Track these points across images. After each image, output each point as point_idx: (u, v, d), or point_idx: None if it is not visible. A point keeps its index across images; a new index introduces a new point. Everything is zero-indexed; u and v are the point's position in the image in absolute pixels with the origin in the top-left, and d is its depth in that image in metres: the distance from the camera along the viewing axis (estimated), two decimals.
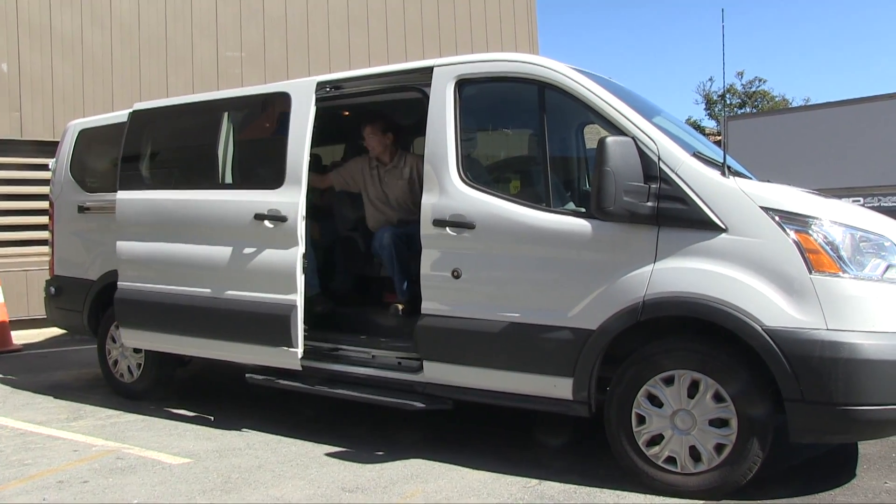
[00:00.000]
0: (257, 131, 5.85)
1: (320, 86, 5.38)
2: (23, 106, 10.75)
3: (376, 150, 5.87)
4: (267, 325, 5.28)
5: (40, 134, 10.81)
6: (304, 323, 5.27)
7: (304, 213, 5.22)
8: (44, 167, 9.41)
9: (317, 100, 5.35)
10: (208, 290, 5.64)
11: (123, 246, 6.18)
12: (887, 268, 3.86)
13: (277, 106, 5.57)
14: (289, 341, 5.19)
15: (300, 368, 5.28)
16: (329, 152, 8.00)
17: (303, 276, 5.21)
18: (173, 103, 6.46)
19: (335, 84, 5.43)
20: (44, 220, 8.62)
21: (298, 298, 5.19)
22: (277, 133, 5.49)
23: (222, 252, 5.55)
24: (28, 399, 6.75)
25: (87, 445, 5.29)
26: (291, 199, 5.22)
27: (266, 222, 5.28)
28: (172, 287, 5.85)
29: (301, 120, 5.31)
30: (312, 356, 5.35)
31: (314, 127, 5.29)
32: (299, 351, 5.21)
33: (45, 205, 8.02)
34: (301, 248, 5.19)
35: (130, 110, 6.57)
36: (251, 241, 5.41)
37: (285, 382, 5.41)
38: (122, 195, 6.24)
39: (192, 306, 5.69)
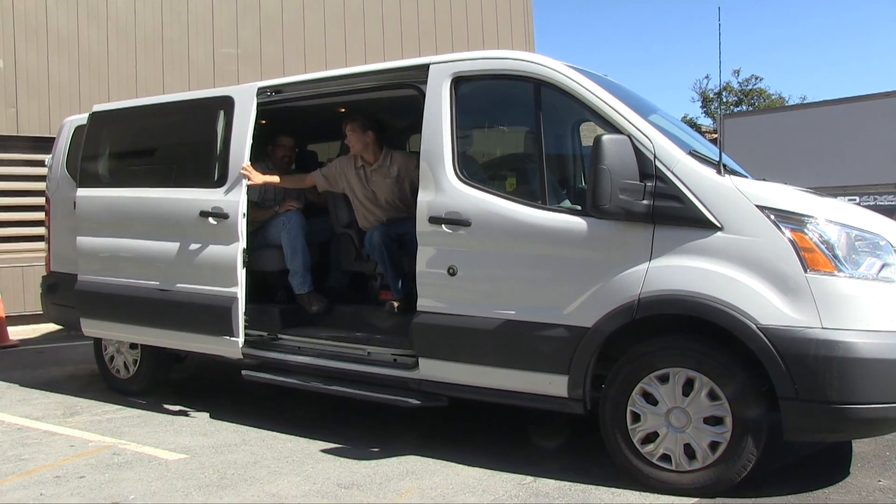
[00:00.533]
0: (204, 132, 5.99)
1: (261, 90, 5.67)
2: (19, 102, 10.74)
3: (356, 148, 5.83)
4: (210, 315, 5.59)
5: (36, 130, 10.80)
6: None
7: (244, 211, 5.58)
8: (40, 163, 9.38)
9: (259, 104, 5.65)
10: (158, 283, 5.96)
11: (83, 241, 6.53)
12: (882, 266, 3.87)
13: (223, 109, 5.79)
14: (230, 331, 5.50)
15: (241, 357, 5.57)
16: (325, 149, 8.01)
17: (244, 270, 5.52)
18: (128, 105, 6.83)
19: (276, 88, 5.70)
20: (40, 216, 8.60)
21: (239, 291, 5.51)
22: (222, 134, 5.75)
23: (171, 247, 5.89)
24: (25, 395, 6.75)
25: (84, 441, 5.29)
26: (233, 197, 5.56)
27: (210, 219, 5.62)
28: (126, 280, 6.19)
29: (243, 122, 5.62)
30: (254, 345, 5.65)
31: (313, 125, 5.37)
32: (240, 340, 5.52)
33: (41, 201, 8.02)
34: (242, 244, 5.52)
35: (90, 112, 6.87)
36: (197, 237, 5.73)
37: (281, 379, 5.43)
38: (81, 193, 6.60)
39: (144, 298, 6.02)
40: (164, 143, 6.44)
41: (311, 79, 5.70)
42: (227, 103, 5.77)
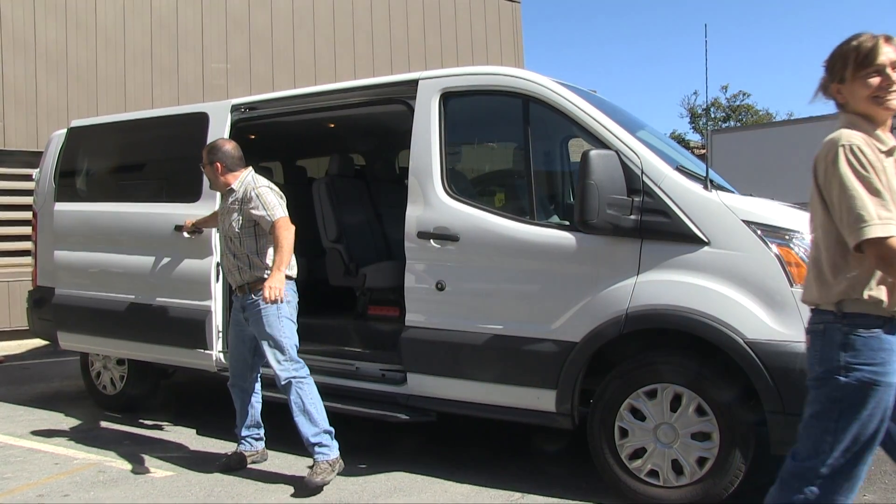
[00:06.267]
0: (179, 148, 6.07)
1: (235, 107, 5.74)
2: (6, 116, 10.70)
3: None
4: (186, 328, 5.61)
5: (24, 144, 10.75)
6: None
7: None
8: (27, 178, 9.36)
9: (234, 120, 5.71)
10: (134, 296, 5.99)
11: (60, 255, 6.56)
12: None
13: (198, 125, 5.84)
14: (204, 344, 5.53)
15: (215, 370, 5.57)
16: (314, 165, 8.01)
17: (217, 284, 5.52)
18: (106, 121, 6.90)
19: (251, 105, 5.78)
20: (26, 230, 8.56)
21: (213, 304, 5.54)
22: (197, 150, 5.68)
23: (147, 261, 5.91)
24: (9, 411, 6.69)
25: (69, 458, 5.24)
26: (207, 212, 5.57)
27: (184, 233, 5.61)
28: (103, 293, 6.18)
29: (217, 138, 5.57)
30: None
31: (302, 140, 5.35)
32: (214, 353, 5.54)
33: (28, 215, 7.98)
34: (215, 258, 5.55)
35: (68, 127, 6.93)
36: (172, 251, 5.78)
37: (269, 394, 5.40)
38: (59, 207, 6.64)
39: (121, 311, 6.03)
40: (141, 159, 6.51)
41: (286, 95, 5.76)
42: (201, 120, 5.83)
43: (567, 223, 4.37)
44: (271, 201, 4.65)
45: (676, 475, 4.01)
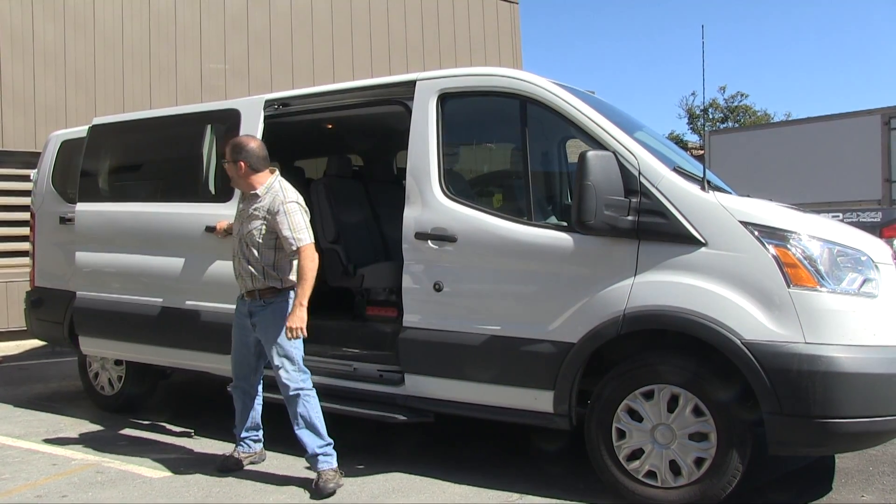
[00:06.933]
0: (209, 146, 5.88)
1: (268, 103, 5.57)
2: (4, 117, 10.69)
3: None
4: (215, 333, 5.39)
5: (22, 145, 10.74)
6: None
7: None
8: (25, 178, 9.36)
9: (266, 116, 5.53)
10: (162, 300, 5.80)
11: (82, 256, 6.32)
12: (864, 282, 3.90)
13: (228, 122, 5.69)
14: None
15: None
16: (313, 165, 8.00)
17: None
18: (130, 118, 6.69)
19: (283, 101, 5.60)
20: (25, 231, 8.56)
21: None
22: None
23: (176, 263, 5.72)
24: (7, 412, 6.68)
25: (67, 459, 5.24)
26: None
27: (217, 235, 5.42)
28: (129, 296, 5.98)
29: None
30: None
31: (298, 141, 5.31)
32: None
33: (26, 216, 7.98)
34: None
35: (89, 125, 6.69)
36: (202, 252, 5.58)
37: (267, 395, 5.39)
38: (80, 207, 6.40)
39: (147, 315, 5.84)
40: (168, 157, 6.27)
41: (317, 92, 5.61)
42: (233, 116, 5.65)
43: (564, 224, 4.37)
44: (299, 222, 4.57)
45: (674, 476, 4.01)
